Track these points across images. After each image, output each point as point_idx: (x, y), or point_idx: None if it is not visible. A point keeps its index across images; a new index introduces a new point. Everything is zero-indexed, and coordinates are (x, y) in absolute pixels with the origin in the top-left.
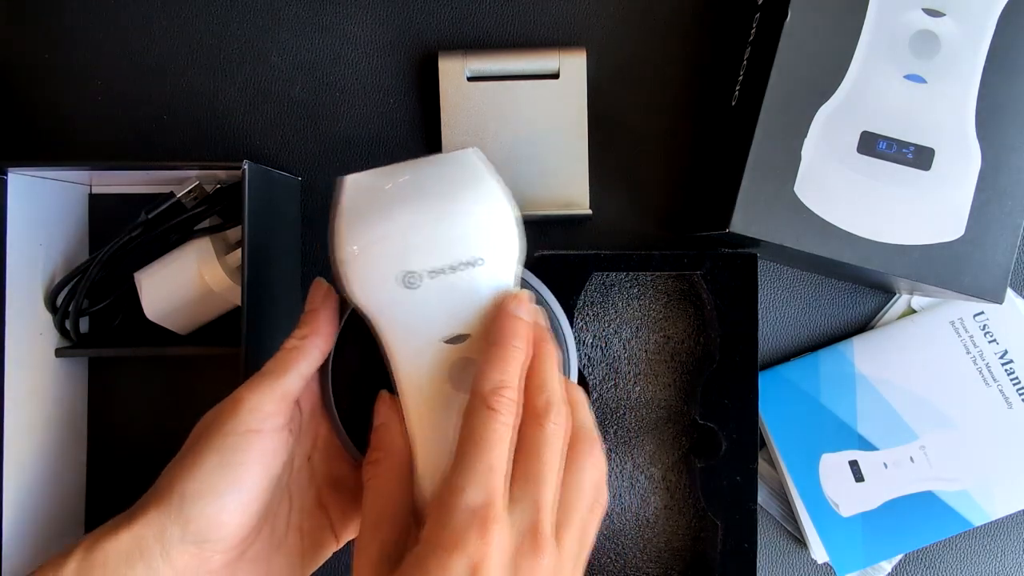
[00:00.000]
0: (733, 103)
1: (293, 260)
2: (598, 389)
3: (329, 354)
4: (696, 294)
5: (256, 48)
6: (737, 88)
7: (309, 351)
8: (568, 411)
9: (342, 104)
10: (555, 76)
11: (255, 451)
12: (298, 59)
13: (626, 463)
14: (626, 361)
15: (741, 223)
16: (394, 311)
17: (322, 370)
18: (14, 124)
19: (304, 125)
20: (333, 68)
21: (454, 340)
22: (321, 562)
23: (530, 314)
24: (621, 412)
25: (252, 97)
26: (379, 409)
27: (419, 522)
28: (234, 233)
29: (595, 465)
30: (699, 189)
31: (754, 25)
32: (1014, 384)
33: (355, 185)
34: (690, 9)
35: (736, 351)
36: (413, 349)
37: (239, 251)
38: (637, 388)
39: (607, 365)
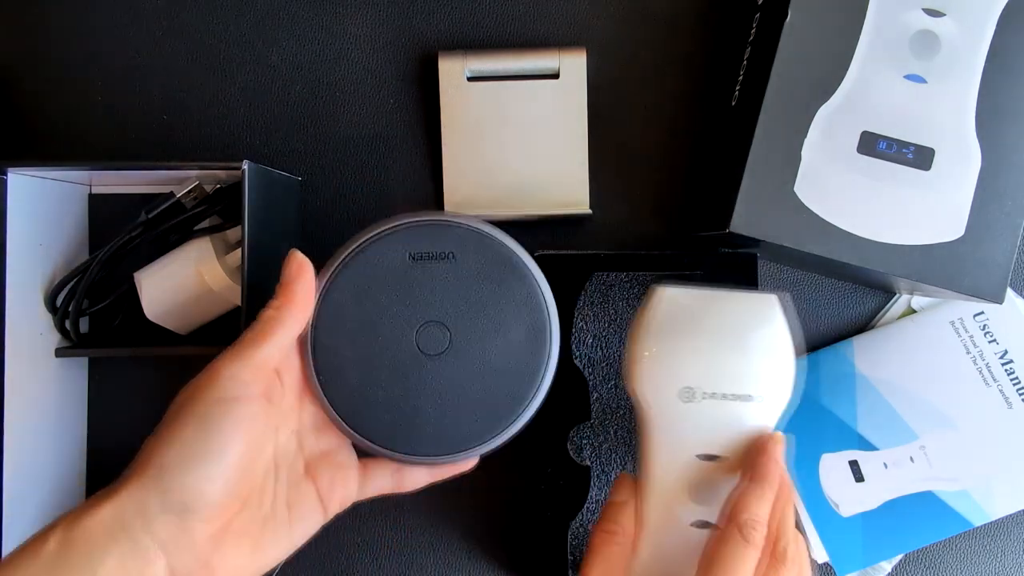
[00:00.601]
0: (733, 103)
1: None
2: (598, 389)
3: (308, 327)
4: None
5: (256, 48)
6: (737, 88)
7: (285, 321)
8: (801, 560)
9: (342, 104)
10: (555, 76)
11: (233, 419)
12: (298, 59)
13: (627, 462)
14: None
15: (741, 223)
16: (665, 415)
17: (303, 343)
18: (14, 124)
19: (304, 125)
20: (333, 68)
21: (707, 457)
22: (310, 535)
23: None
24: (621, 412)
25: (252, 97)
26: (620, 488)
27: None
28: (234, 233)
29: None
30: (699, 189)
31: (754, 25)
32: (1014, 384)
33: (667, 298)
34: (690, 9)
35: None
36: (670, 454)
37: (239, 251)
38: None
39: (607, 365)
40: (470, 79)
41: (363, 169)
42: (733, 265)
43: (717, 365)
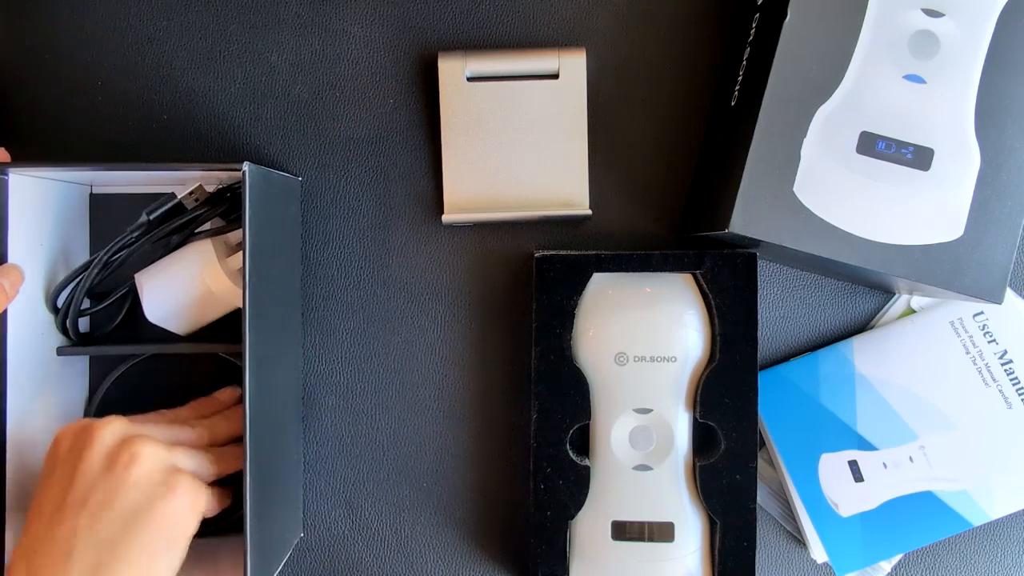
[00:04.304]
0: (733, 103)
1: (293, 260)
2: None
3: None
4: None
5: (256, 48)
6: (737, 88)
7: None
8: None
9: (342, 104)
10: (555, 76)
11: None
12: (298, 59)
13: None
14: None
15: (741, 223)
16: (605, 378)
17: None
18: (14, 124)
19: (304, 125)
20: (333, 68)
21: (641, 411)
22: None
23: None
24: None
25: (252, 97)
26: None
27: None
28: (235, 235)
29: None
30: (699, 189)
31: (754, 25)
32: (1014, 384)
33: (601, 283)
34: (690, 9)
35: (736, 351)
36: (610, 409)
37: (240, 253)
38: None
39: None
40: (470, 79)
41: (363, 169)
42: (733, 265)
43: (643, 334)
